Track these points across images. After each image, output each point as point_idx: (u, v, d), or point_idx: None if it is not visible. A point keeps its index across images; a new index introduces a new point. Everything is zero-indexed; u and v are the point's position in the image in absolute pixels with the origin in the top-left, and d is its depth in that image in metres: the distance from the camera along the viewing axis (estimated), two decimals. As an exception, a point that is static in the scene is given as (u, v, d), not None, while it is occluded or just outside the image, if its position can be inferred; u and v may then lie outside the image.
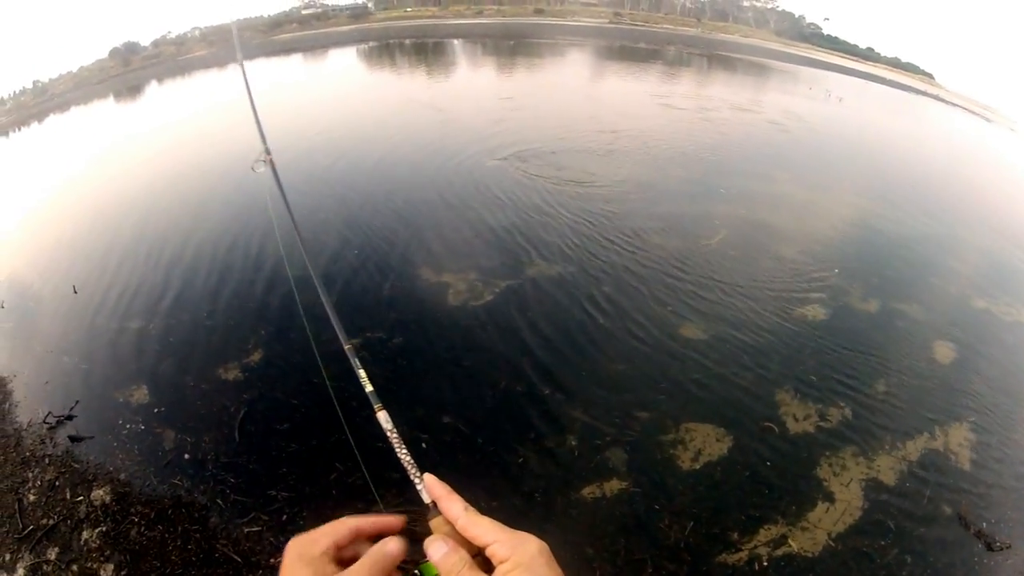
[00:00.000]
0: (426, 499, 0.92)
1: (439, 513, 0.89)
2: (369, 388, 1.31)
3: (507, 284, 8.64)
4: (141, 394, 6.56)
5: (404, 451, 1.05)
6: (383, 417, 1.15)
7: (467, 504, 0.89)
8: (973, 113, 50.10)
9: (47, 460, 6.17)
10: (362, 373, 1.39)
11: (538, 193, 12.27)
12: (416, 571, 0.86)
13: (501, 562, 0.80)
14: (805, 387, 7.02)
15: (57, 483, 5.93)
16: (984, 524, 5.84)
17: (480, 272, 8.92)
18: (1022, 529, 5.95)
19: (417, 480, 0.95)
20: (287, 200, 2.71)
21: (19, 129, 29.62)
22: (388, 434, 1.12)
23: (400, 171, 13.59)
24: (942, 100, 54.03)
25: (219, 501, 5.42)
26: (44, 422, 6.55)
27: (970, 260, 11.90)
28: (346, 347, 1.57)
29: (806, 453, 6.14)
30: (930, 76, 69.12)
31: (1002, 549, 5.63)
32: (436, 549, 0.83)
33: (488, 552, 0.83)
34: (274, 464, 5.65)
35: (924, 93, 55.21)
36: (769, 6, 78.47)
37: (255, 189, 11.77)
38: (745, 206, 12.70)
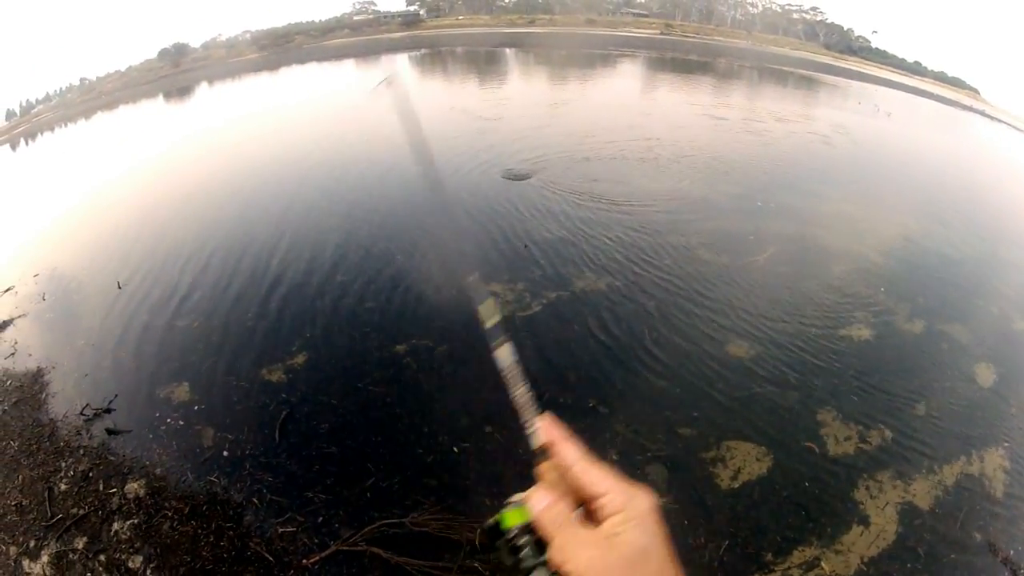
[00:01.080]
0: (537, 444, 0.83)
1: (548, 458, 0.82)
2: (496, 319, 1.08)
3: (555, 296, 8.46)
4: (183, 391, 6.49)
5: (522, 388, 0.92)
6: (504, 351, 0.98)
7: (583, 451, 0.81)
8: (1019, 130, 49.30)
9: (82, 451, 6.14)
10: (491, 301, 1.19)
11: (581, 206, 12.08)
12: (493, 519, 0.82)
13: (612, 514, 0.74)
14: (848, 408, 6.80)
15: (91, 474, 5.89)
16: (1011, 551, 5.64)
17: (528, 283, 8.75)
18: None
19: (533, 421, 0.85)
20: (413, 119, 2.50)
21: (65, 125, 29.76)
22: (506, 371, 0.97)
23: (448, 181, 13.28)
24: (987, 116, 52.30)
25: (255, 500, 5.32)
26: (81, 414, 6.52)
27: (1015, 281, 11.51)
28: (472, 276, 1.43)
29: (845, 475, 5.93)
30: (975, 91, 67.15)
31: None
32: (538, 501, 0.78)
33: (598, 503, 0.75)
34: (312, 466, 5.55)
35: (970, 108, 53.76)
36: (819, 19, 76.50)
37: (306, 196, 11.88)
38: (794, 223, 12.37)
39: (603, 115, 21.40)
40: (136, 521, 5.28)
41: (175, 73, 44.70)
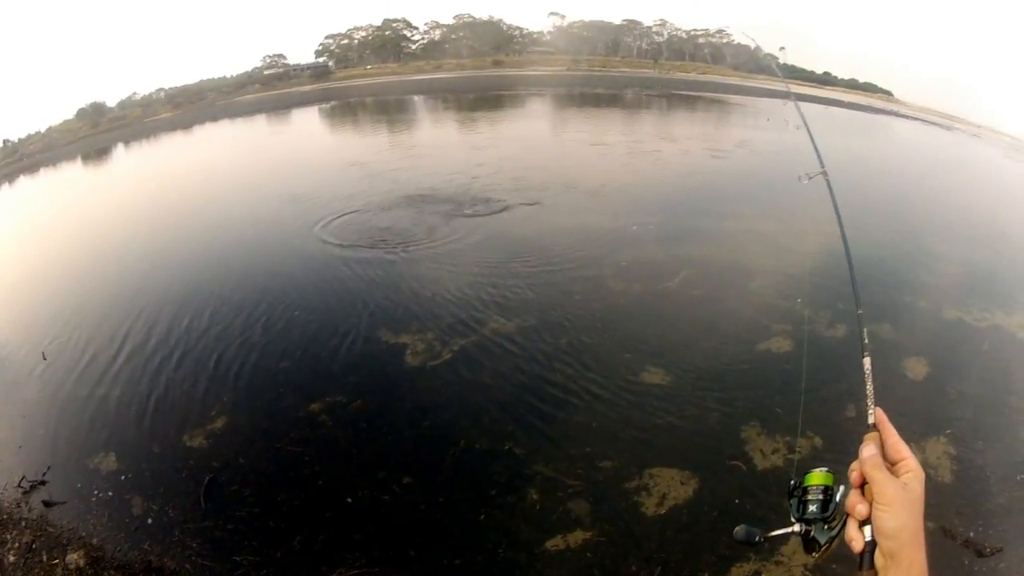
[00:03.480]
0: (870, 421, 1.22)
1: (874, 431, 1.19)
2: (866, 340, 1.60)
3: (464, 342, 8.56)
4: (110, 461, 6.51)
5: (870, 386, 1.38)
6: (867, 362, 1.48)
7: (896, 432, 1.19)
8: (935, 124, 51.92)
9: (23, 523, 6.16)
10: (864, 331, 1.66)
11: (483, 245, 12.46)
12: (798, 478, 1.31)
13: (907, 472, 1.11)
14: (772, 421, 6.88)
15: (34, 546, 5.91)
16: (971, 533, 5.73)
17: (437, 331, 8.84)
18: (1013, 532, 5.84)
19: (871, 406, 1.26)
20: (840, 216, 2.82)
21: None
22: (865, 373, 1.44)
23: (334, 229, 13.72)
24: (902, 115, 55.46)
25: (188, 566, 5.34)
26: (19, 486, 6.53)
27: (940, 272, 11.87)
28: (859, 312, 1.90)
29: (776, 487, 6.00)
30: (888, 93, 70.99)
31: (993, 553, 5.53)
32: (867, 449, 1.15)
33: (900, 463, 1.12)
34: (239, 529, 5.58)
35: (883, 111, 56.92)
36: (725, 41, 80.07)
37: (232, 256, 12.12)
38: (705, 244, 12.71)
39: (518, 155, 21.97)
40: (80, 591, 5.45)
41: (94, 134, 45.40)
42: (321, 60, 76.21)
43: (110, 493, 6.14)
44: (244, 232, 14.08)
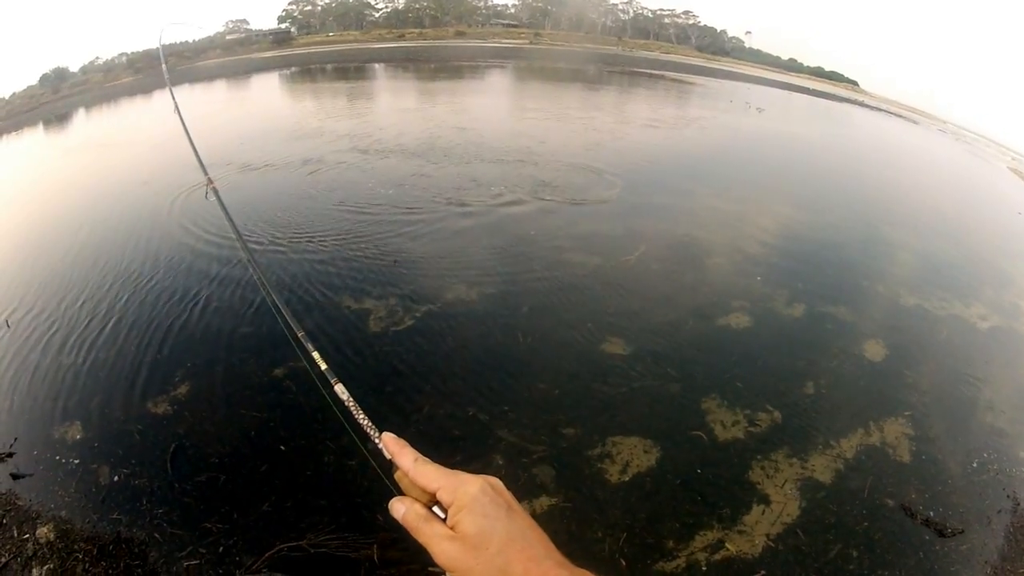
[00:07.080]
0: (387, 456, 1.03)
1: (397, 469, 1.00)
2: (324, 366, 1.50)
3: (426, 309, 8.78)
4: (76, 430, 6.67)
5: (362, 415, 1.22)
6: (340, 389, 1.35)
7: (418, 455, 0.99)
8: (900, 116, 54.17)
9: None
10: (316, 354, 1.58)
11: (443, 215, 12.78)
12: None
13: (448, 507, 0.91)
14: (732, 394, 7.25)
15: (4, 520, 6.04)
16: (931, 513, 6.07)
17: (399, 297, 9.04)
18: (974, 515, 6.19)
19: (376, 439, 1.08)
20: (233, 222, 2.98)
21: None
22: (346, 402, 1.29)
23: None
24: (867, 106, 57.82)
25: (157, 535, 5.54)
26: None
27: (900, 259, 12.33)
28: (299, 334, 1.85)
29: (737, 458, 6.37)
30: (854, 83, 73.97)
31: (955, 534, 5.87)
32: (397, 510, 0.95)
33: (437, 498, 0.93)
34: (206, 496, 5.79)
35: (848, 100, 59.12)
36: (691, 22, 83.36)
37: (186, 221, 12.12)
38: (663, 221, 13.12)
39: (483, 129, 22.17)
40: (52, 566, 5.42)
41: (55, 100, 44.52)
42: (283, 26, 76.92)
43: (76, 462, 6.29)
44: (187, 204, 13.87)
